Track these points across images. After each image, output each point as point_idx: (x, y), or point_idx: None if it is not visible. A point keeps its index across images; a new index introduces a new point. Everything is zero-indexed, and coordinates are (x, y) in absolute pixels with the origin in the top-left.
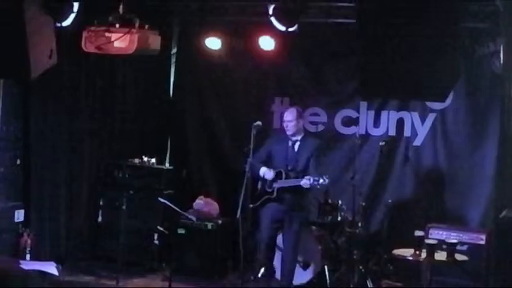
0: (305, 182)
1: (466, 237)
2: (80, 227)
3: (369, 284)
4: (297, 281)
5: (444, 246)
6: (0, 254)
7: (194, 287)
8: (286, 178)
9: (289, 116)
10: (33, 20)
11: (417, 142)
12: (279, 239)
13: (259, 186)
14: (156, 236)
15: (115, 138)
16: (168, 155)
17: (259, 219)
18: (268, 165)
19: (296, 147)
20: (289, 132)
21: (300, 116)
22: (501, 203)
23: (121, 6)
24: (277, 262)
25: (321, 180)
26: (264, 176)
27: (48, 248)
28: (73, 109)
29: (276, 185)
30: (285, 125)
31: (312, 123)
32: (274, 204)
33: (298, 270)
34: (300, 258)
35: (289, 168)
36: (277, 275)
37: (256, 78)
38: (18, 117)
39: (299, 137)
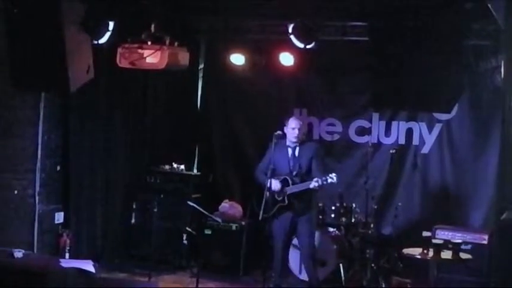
0: (314, 184)
1: (470, 237)
2: (114, 228)
3: (380, 280)
4: None
5: (450, 246)
6: (42, 253)
7: (220, 283)
8: (293, 184)
9: (296, 123)
10: (72, 38)
11: (425, 150)
12: (295, 241)
13: (267, 196)
14: (184, 236)
15: (147, 147)
16: (195, 162)
17: (272, 226)
18: (273, 174)
19: (296, 152)
20: (295, 139)
21: (305, 124)
22: (502, 206)
23: (153, 25)
24: (293, 261)
25: (329, 179)
26: (271, 188)
27: (85, 248)
28: (108, 120)
29: (287, 191)
30: (291, 131)
31: (328, 132)
32: (285, 213)
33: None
34: (317, 257)
35: (294, 173)
36: (295, 272)
37: (277, 91)
38: (59, 127)
39: (297, 144)
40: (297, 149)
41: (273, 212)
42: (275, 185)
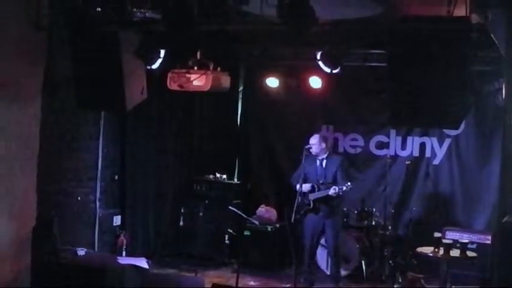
0: (332, 191)
1: (475, 237)
2: (165, 230)
3: (397, 275)
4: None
5: (458, 245)
6: (102, 251)
7: (257, 278)
8: (318, 191)
9: (313, 140)
10: (128, 64)
11: (436, 161)
12: (322, 240)
13: (298, 200)
14: (226, 237)
15: (194, 159)
16: (236, 172)
17: (302, 227)
18: (305, 181)
19: (324, 164)
20: (314, 152)
21: (322, 140)
22: (503, 210)
23: (198, 53)
24: (320, 258)
25: (344, 188)
26: (302, 189)
27: (140, 246)
28: (160, 135)
29: (311, 197)
30: (309, 147)
31: (352, 146)
32: (312, 214)
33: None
34: (342, 255)
35: (321, 182)
36: (323, 268)
37: (307, 110)
38: (116, 141)
39: (325, 156)
40: (324, 161)
41: (301, 213)
42: (305, 187)
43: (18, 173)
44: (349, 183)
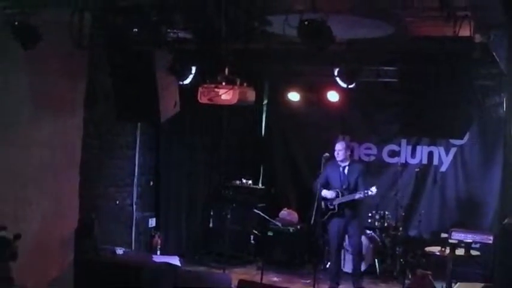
0: (359, 195)
1: (478, 238)
2: (196, 231)
3: (407, 272)
4: None
5: (462, 245)
6: (138, 251)
7: (279, 274)
8: (342, 196)
9: (339, 146)
10: (162, 80)
11: (443, 169)
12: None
13: (322, 206)
14: (252, 237)
15: (222, 166)
16: (260, 178)
17: (328, 230)
18: (327, 187)
19: (346, 171)
20: (339, 158)
21: (347, 147)
22: (504, 213)
23: (226, 70)
24: (342, 258)
25: (370, 192)
26: (326, 196)
27: (172, 246)
28: (191, 144)
29: (335, 202)
30: (336, 153)
31: (366, 154)
32: (337, 218)
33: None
34: None
35: (344, 187)
36: (344, 267)
37: (325, 121)
38: (151, 150)
39: (347, 163)
40: (346, 168)
41: (326, 217)
42: (330, 194)
43: (63, 179)
44: (374, 188)
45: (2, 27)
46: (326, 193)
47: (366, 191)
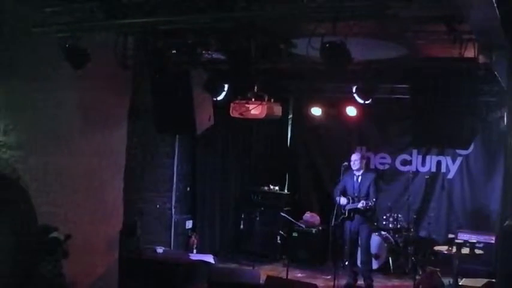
0: (360, 205)
1: (482, 238)
2: (228, 232)
3: (418, 269)
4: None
5: (468, 244)
6: (177, 249)
7: (303, 271)
8: (352, 203)
9: (355, 156)
10: (198, 96)
11: (450, 176)
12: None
13: (338, 210)
14: (278, 238)
15: (251, 173)
16: (286, 184)
17: (342, 231)
18: (344, 194)
19: (359, 179)
20: (354, 168)
21: (362, 157)
22: (505, 216)
23: (256, 87)
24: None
25: (370, 203)
26: (340, 202)
27: (207, 245)
28: (224, 154)
29: (346, 208)
30: (352, 162)
31: (381, 163)
32: (349, 222)
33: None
34: (373, 252)
35: (355, 195)
36: (358, 263)
37: (344, 134)
38: (189, 159)
39: (361, 172)
40: (360, 177)
41: (340, 220)
42: (343, 200)
43: (108, 185)
44: (374, 199)
45: (55, 50)
46: (341, 199)
47: (367, 202)
